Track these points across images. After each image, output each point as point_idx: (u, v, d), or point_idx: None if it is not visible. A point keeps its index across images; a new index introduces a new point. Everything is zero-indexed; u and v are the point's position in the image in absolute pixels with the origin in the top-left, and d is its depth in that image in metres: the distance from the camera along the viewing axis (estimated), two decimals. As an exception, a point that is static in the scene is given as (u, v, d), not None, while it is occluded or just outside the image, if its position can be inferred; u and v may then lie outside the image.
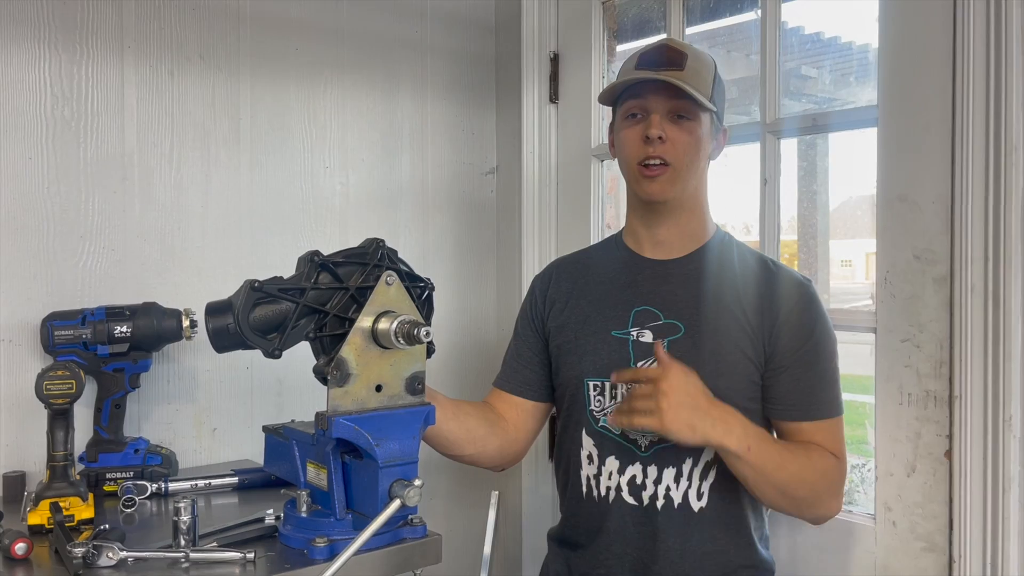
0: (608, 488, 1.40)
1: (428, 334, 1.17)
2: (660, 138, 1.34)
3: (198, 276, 1.76)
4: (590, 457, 1.42)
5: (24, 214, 1.58)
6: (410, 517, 1.25)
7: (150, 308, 1.55)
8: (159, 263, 1.72)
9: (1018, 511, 1.30)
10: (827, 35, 2.34)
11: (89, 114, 1.65)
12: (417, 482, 1.17)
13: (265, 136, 1.85)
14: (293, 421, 1.37)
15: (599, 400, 1.41)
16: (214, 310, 1.18)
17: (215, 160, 1.79)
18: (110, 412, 1.54)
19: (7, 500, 1.49)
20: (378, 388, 1.20)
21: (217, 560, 1.15)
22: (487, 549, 2.17)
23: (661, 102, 1.35)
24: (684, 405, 1.22)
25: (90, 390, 1.53)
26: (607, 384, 1.40)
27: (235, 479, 1.55)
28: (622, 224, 1.55)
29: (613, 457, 1.39)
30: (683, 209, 1.41)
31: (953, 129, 1.35)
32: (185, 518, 1.18)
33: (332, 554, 1.15)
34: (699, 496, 1.35)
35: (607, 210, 2.06)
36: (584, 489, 1.43)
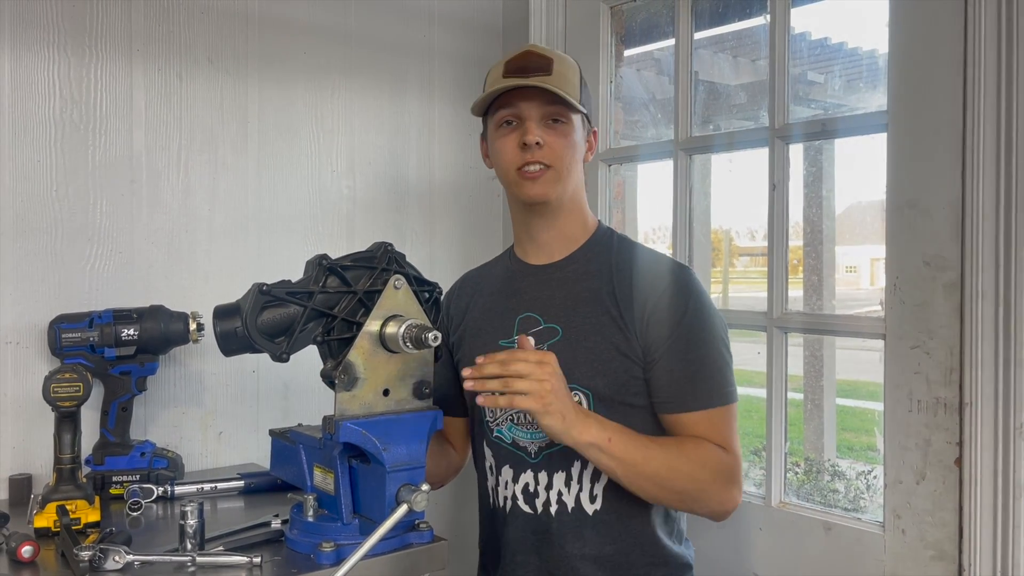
0: (505, 498, 1.39)
1: (436, 338, 1.16)
2: (538, 143, 1.34)
3: (205, 279, 1.76)
4: (491, 468, 1.42)
5: (32, 216, 1.58)
6: (417, 522, 1.24)
7: (157, 311, 1.55)
8: (166, 266, 1.72)
9: (1029, 519, 1.29)
10: (835, 40, 2.34)
11: (98, 117, 1.65)
12: (424, 487, 1.17)
13: (273, 139, 1.85)
14: (300, 425, 1.37)
15: (491, 411, 1.40)
16: (222, 313, 1.18)
17: (223, 163, 1.79)
18: (116, 415, 1.54)
19: (13, 503, 1.49)
20: (385, 392, 1.20)
21: (223, 564, 1.15)
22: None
23: (534, 108, 1.35)
24: (560, 393, 1.20)
25: (96, 393, 1.53)
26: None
27: (241, 483, 1.54)
28: (628, 229, 1.55)
29: (508, 466, 1.39)
30: (563, 211, 1.41)
31: (964, 134, 1.35)
32: (192, 522, 1.18)
33: (339, 559, 1.15)
34: (592, 499, 1.34)
35: (614, 215, 2.05)
36: (490, 500, 1.43)
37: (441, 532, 1.28)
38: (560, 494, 1.34)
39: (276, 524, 1.27)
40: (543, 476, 1.35)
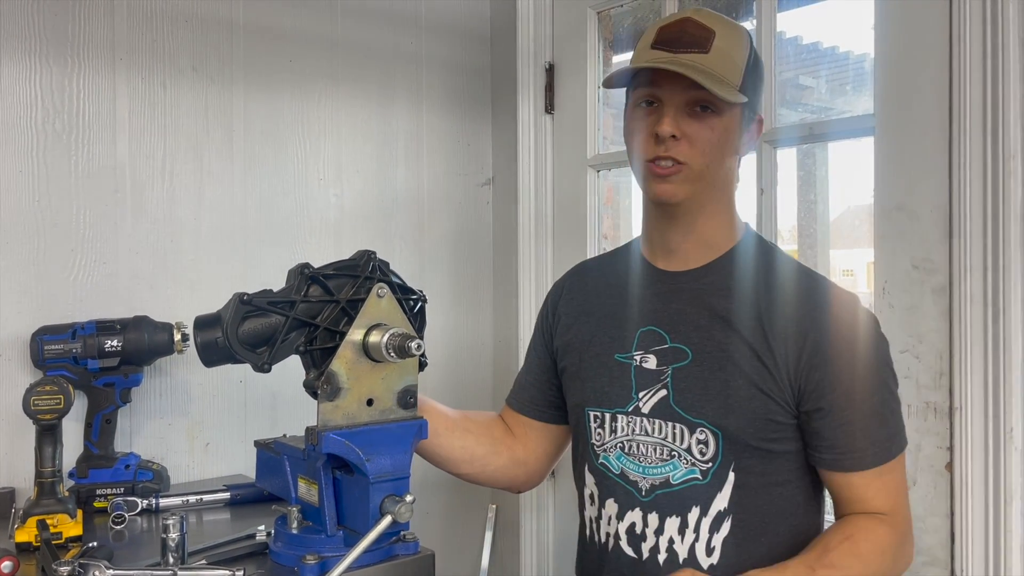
0: (608, 534, 1.23)
1: (420, 347, 1.15)
2: (673, 136, 1.13)
3: (190, 289, 1.74)
4: (591, 497, 1.28)
5: (15, 227, 1.57)
6: (402, 533, 1.22)
7: (141, 322, 1.53)
8: (151, 276, 1.70)
9: (1020, 524, 1.28)
10: (824, 45, 2.33)
11: (81, 127, 1.63)
12: (408, 498, 1.15)
13: (259, 148, 1.84)
14: (285, 435, 1.35)
15: (599, 433, 1.25)
16: (203, 324, 1.16)
17: (208, 172, 1.78)
18: (100, 427, 1.53)
19: (-4, 517, 1.47)
20: (369, 402, 1.18)
21: (205, 578, 1.14)
22: (484, 563, 2.15)
23: (677, 92, 1.13)
24: None
25: (80, 405, 1.52)
26: (607, 415, 1.24)
27: (227, 494, 1.53)
28: (619, 235, 1.53)
29: (612, 500, 1.23)
30: (702, 213, 1.20)
31: (951, 137, 1.34)
32: (174, 535, 1.16)
33: (323, 571, 1.13)
34: (708, 551, 1.16)
35: (604, 220, 2.04)
36: (588, 531, 1.29)
37: (430, 545, 1.26)
38: (672, 541, 1.17)
39: (261, 536, 1.25)
40: (653, 518, 1.18)
